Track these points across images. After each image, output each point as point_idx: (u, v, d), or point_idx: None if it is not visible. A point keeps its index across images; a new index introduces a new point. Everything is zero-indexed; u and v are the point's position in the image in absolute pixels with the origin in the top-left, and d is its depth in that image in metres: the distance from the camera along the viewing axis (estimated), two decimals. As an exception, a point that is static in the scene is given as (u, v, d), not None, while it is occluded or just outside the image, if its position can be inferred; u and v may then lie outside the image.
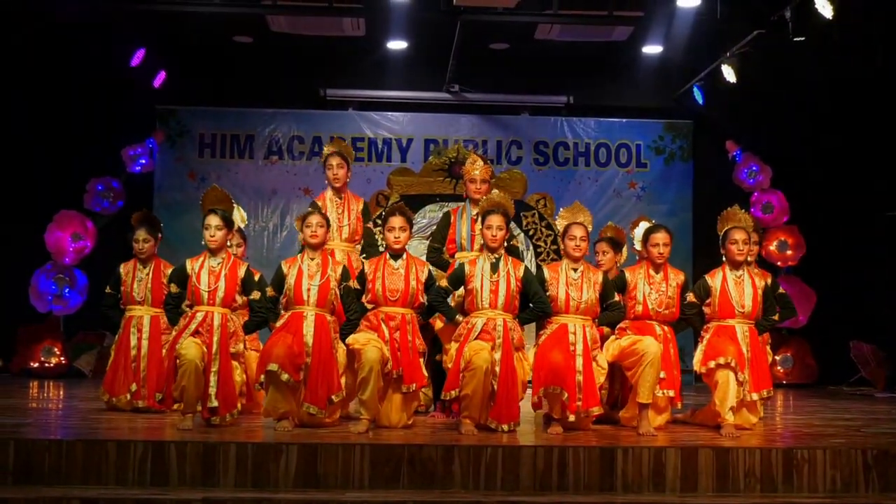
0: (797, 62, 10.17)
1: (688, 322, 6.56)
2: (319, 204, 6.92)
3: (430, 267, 6.56)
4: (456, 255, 6.89)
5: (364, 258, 6.88)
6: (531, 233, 11.55)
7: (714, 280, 6.45)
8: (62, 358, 10.68)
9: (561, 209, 6.54)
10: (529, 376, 6.17)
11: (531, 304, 6.17)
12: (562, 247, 6.35)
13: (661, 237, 6.45)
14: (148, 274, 7.08)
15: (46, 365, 10.65)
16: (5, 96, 10.50)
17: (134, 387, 6.91)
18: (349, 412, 6.39)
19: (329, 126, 11.62)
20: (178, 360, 5.87)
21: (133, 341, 6.99)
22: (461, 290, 6.25)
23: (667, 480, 5.23)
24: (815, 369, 11.19)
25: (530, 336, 6.33)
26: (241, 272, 6.20)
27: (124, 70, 10.30)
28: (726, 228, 6.47)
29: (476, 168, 6.97)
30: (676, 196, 11.75)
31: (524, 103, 11.86)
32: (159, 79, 10.97)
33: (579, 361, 5.99)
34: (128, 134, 11.14)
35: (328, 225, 6.28)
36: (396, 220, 6.28)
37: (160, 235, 7.23)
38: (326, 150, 7.21)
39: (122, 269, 7.17)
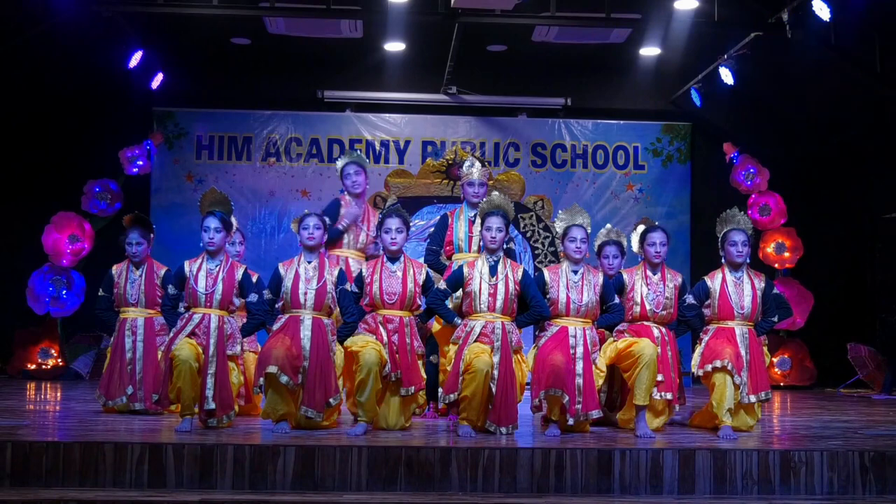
0: (795, 64, 10.18)
1: (687, 324, 6.55)
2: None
3: (428, 269, 6.55)
4: (453, 258, 6.89)
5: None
6: (529, 235, 11.54)
7: (713, 282, 6.46)
8: (59, 360, 10.66)
9: (559, 211, 6.54)
10: (527, 379, 6.17)
11: (530, 308, 6.16)
12: (561, 249, 6.35)
13: (657, 236, 6.46)
14: (141, 276, 7.06)
15: (44, 367, 10.64)
16: (3, 97, 10.49)
17: (130, 389, 6.89)
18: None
19: (327, 128, 11.61)
20: (172, 362, 5.87)
21: (128, 344, 6.97)
22: (459, 292, 6.25)
23: (664, 482, 5.24)
24: (813, 371, 11.18)
25: (528, 338, 6.32)
26: (239, 275, 6.19)
27: (122, 72, 10.28)
28: (725, 230, 6.48)
29: (473, 170, 6.98)
30: (674, 198, 11.73)
31: (522, 105, 11.84)
32: (157, 80, 10.96)
33: (580, 364, 5.99)
34: (125, 136, 11.11)
35: (325, 227, 6.28)
36: (393, 222, 6.27)
37: (152, 237, 7.21)
38: (340, 162, 7.34)
39: (115, 271, 7.16)
